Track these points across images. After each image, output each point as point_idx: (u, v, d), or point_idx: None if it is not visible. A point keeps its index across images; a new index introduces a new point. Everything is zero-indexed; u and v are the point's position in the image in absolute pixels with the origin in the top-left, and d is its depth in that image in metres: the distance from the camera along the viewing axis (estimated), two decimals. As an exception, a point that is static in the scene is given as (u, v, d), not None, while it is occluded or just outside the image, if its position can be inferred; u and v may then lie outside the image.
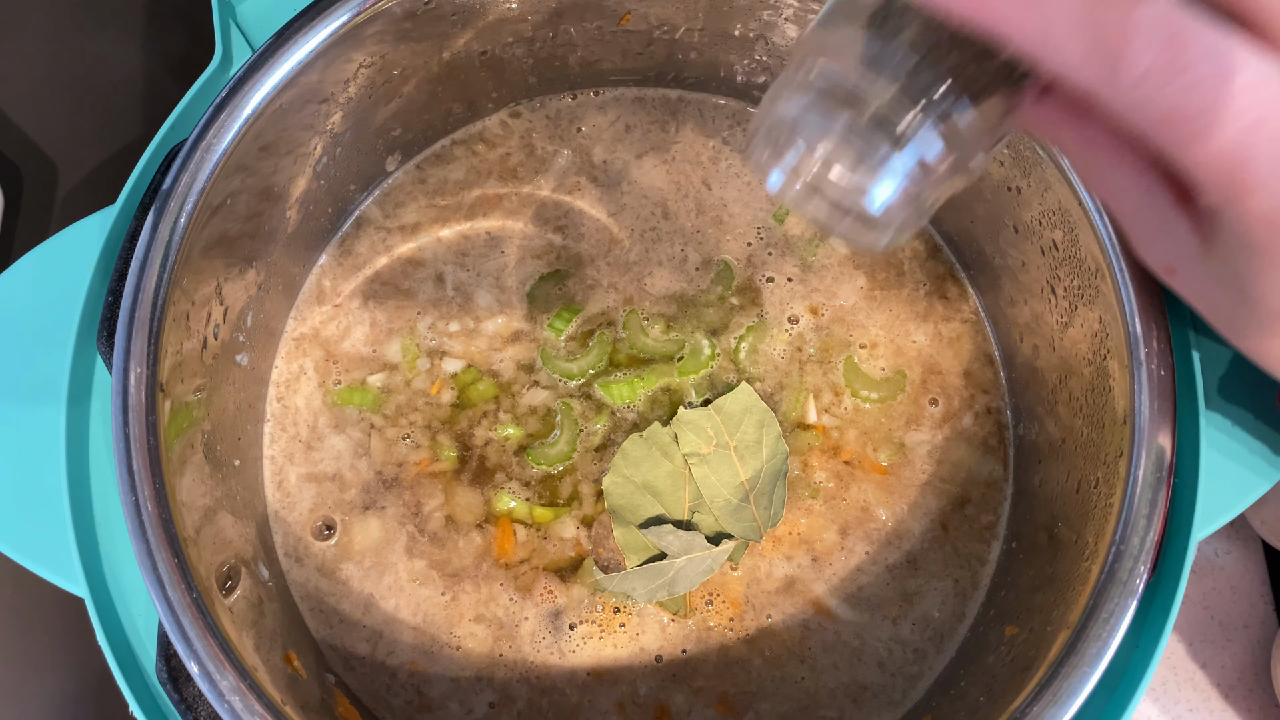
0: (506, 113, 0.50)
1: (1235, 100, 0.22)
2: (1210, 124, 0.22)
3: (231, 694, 0.34)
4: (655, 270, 0.48)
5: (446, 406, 0.46)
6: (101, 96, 0.58)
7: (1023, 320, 0.45)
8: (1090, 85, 0.22)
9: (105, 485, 0.38)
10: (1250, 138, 0.22)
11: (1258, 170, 0.23)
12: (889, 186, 0.26)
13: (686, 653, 0.43)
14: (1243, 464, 0.36)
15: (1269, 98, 0.22)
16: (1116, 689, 0.36)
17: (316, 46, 0.38)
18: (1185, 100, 0.22)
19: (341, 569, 0.44)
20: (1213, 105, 0.22)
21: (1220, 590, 0.49)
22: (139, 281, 0.36)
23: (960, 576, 0.44)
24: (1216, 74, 0.22)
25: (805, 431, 0.46)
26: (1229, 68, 0.22)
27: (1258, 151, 0.22)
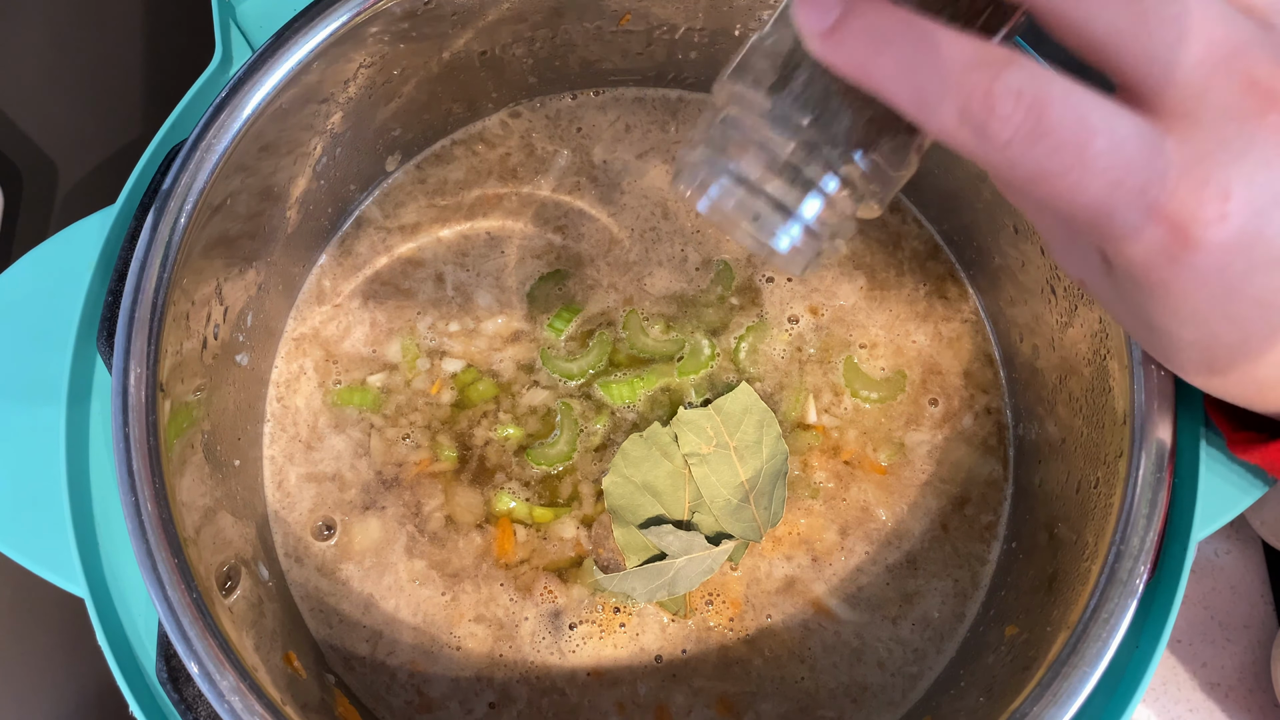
0: (506, 113, 0.50)
1: (1095, 162, 0.23)
2: (1074, 184, 0.24)
3: (231, 694, 0.34)
4: (655, 270, 0.48)
5: (446, 406, 0.46)
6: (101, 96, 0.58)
7: (1023, 320, 0.45)
8: (964, 149, 0.24)
9: (105, 485, 0.38)
10: (1111, 194, 0.24)
11: (1124, 221, 0.24)
12: (793, 230, 0.28)
13: (686, 653, 0.43)
14: (1243, 464, 0.36)
15: (1127, 158, 0.23)
16: (1116, 689, 0.36)
17: (316, 46, 0.38)
18: (1048, 164, 0.23)
19: (341, 569, 0.44)
20: (1073, 167, 0.23)
21: (1220, 590, 0.49)
22: (139, 281, 0.36)
23: (960, 576, 0.44)
24: (1076, 139, 0.23)
25: (805, 431, 0.46)
26: (1088, 132, 0.23)
27: (1119, 204, 0.24)
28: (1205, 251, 0.24)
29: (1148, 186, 0.24)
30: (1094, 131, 0.23)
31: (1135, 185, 0.24)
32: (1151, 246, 0.25)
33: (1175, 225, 0.24)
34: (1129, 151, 0.24)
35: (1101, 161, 0.23)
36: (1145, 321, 0.28)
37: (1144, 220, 0.24)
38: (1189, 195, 0.24)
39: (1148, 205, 0.24)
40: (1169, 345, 0.29)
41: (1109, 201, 0.24)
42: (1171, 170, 0.24)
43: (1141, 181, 0.24)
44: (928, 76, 0.24)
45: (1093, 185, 0.24)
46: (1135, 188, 0.24)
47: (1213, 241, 0.24)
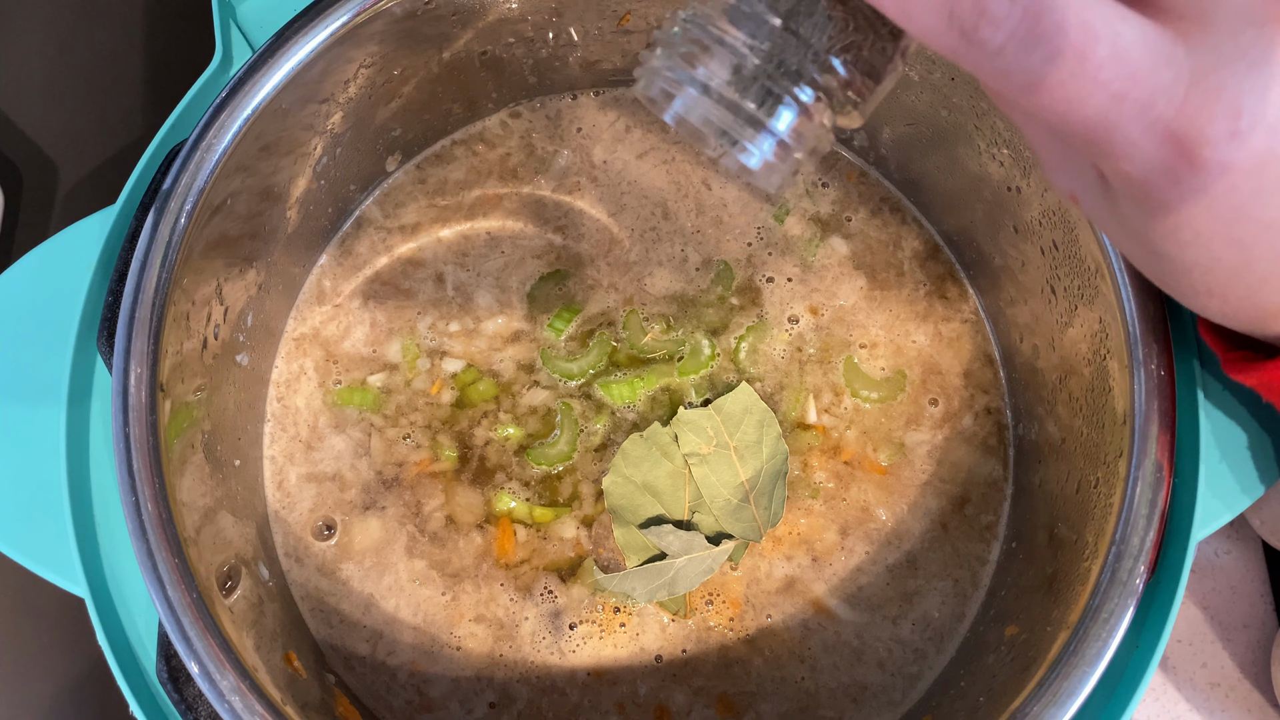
0: (506, 113, 0.50)
1: (1097, 73, 0.21)
2: (1072, 96, 0.22)
3: (231, 694, 0.34)
4: (655, 270, 0.48)
5: (446, 406, 0.46)
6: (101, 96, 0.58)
7: (1023, 320, 0.45)
8: (952, 54, 0.22)
9: (105, 485, 0.38)
10: (1115, 108, 0.22)
11: (1125, 138, 0.22)
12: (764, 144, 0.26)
13: (686, 653, 0.43)
14: (1242, 464, 0.36)
15: (1132, 67, 0.21)
16: (1116, 689, 0.36)
17: (316, 46, 0.38)
18: (1045, 72, 0.21)
19: (341, 569, 0.44)
20: (1074, 77, 0.21)
21: (1220, 590, 0.49)
22: (139, 281, 0.36)
23: (960, 576, 0.44)
24: (1076, 45, 0.21)
25: (805, 431, 0.46)
26: (1090, 38, 0.21)
27: (1122, 120, 0.22)
28: (1212, 172, 0.22)
29: (1153, 100, 0.22)
30: (1096, 37, 0.21)
31: (1139, 99, 0.21)
32: (1154, 166, 0.23)
33: (1181, 144, 0.22)
34: (1134, 60, 0.21)
35: (1104, 71, 0.21)
36: (1143, 243, 0.26)
37: (1147, 137, 0.22)
38: (1197, 111, 0.22)
39: (1151, 121, 0.22)
40: (1167, 268, 0.27)
41: (1110, 116, 0.22)
42: (1180, 82, 0.21)
43: (1146, 94, 0.21)
44: None
45: (1093, 98, 0.21)
46: (1139, 101, 0.22)
47: (1221, 162, 0.22)
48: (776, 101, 0.25)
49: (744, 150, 0.26)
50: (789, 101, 0.25)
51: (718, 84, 0.25)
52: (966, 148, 0.43)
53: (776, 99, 0.25)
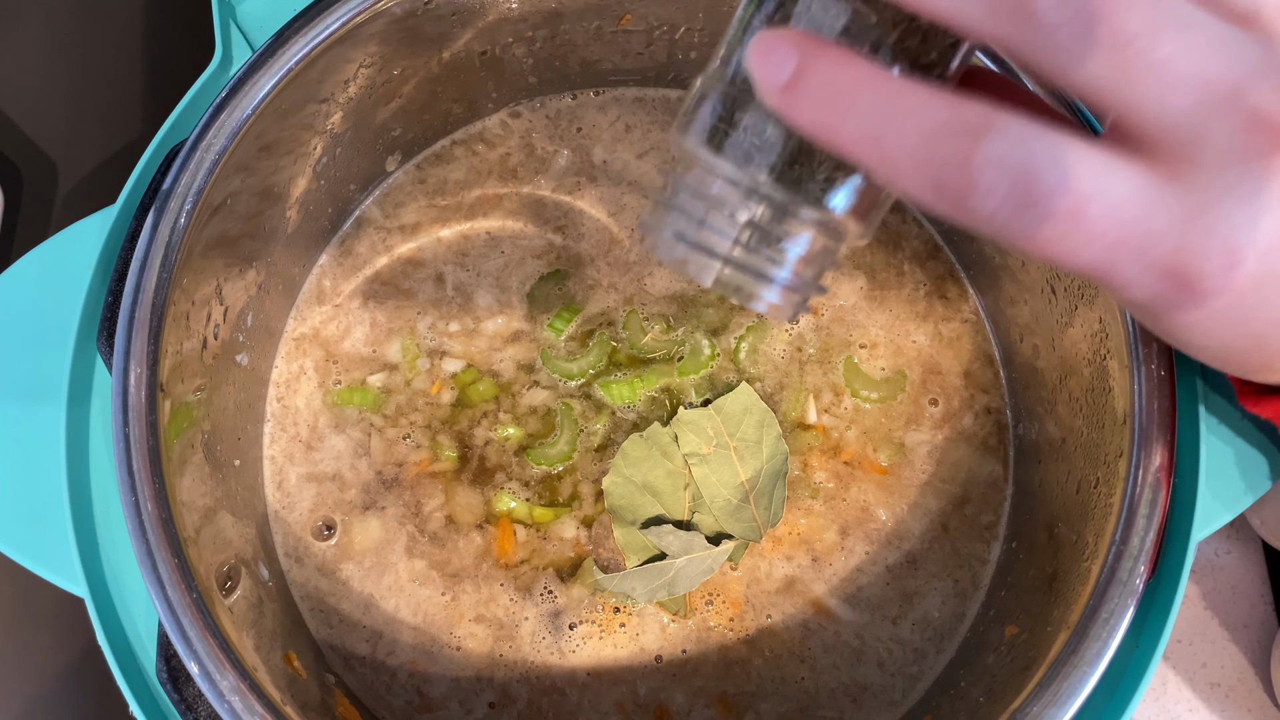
0: (506, 113, 0.50)
1: (1090, 228, 0.22)
2: (1070, 250, 0.22)
3: (231, 694, 0.34)
4: (655, 270, 0.48)
5: (446, 406, 0.46)
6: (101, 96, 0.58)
7: (1023, 320, 0.45)
8: (944, 215, 0.22)
9: (105, 485, 0.38)
10: (1111, 254, 0.22)
11: (1125, 277, 0.23)
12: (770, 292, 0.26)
13: (686, 653, 0.43)
14: (1242, 464, 0.36)
15: (1125, 219, 0.22)
16: (1116, 689, 0.36)
17: (316, 46, 0.38)
18: (1039, 231, 0.22)
19: (341, 569, 0.44)
20: (1068, 234, 0.22)
21: (1220, 590, 0.49)
22: (139, 281, 0.36)
23: (960, 576, 0.44)
24: (1068, 207, 0.21)
25: (805, 431, 0.46)
26: (1081, 199, 0.21)
27: (1121, 264, 0.22)
28: (1215, 297, 0.23)
29: (1149, 245, 0.22)
30: (1088, 197, 0.22)
31: (1135, 245, 0.22)
32: (1156, 296, 0.23)
33: (1181, 279, 0.23)
34: (1127, 212, 0.22)
35: (1098, 226, 0.22)
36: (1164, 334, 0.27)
37: (1147, 275, 0.23)
38: (1194, 249, 0.22)
39: (1150, 262, 0.23)
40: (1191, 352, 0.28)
41: (1107, 261, 0.23)
42: (1174, 225, 0.22)
43: (1142, 240, 0.22)
44: (897, 141, 0.22)
45: (1088, 250, 0.22)
46: (1135, 246, 0.22)
47: (1222, 289, 0.23)
48: (776, 249, 0.26)
49: (750, 299, 0.27)
50: (788, 246, 0.26)
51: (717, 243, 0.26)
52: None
53: (776, 246, 0.26)
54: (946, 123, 0.22)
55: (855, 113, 0.22)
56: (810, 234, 0.26)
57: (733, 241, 0.26)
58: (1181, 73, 0.21)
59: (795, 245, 0.26)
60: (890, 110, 0.22)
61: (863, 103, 0.22)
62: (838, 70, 0.22)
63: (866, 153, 0.22)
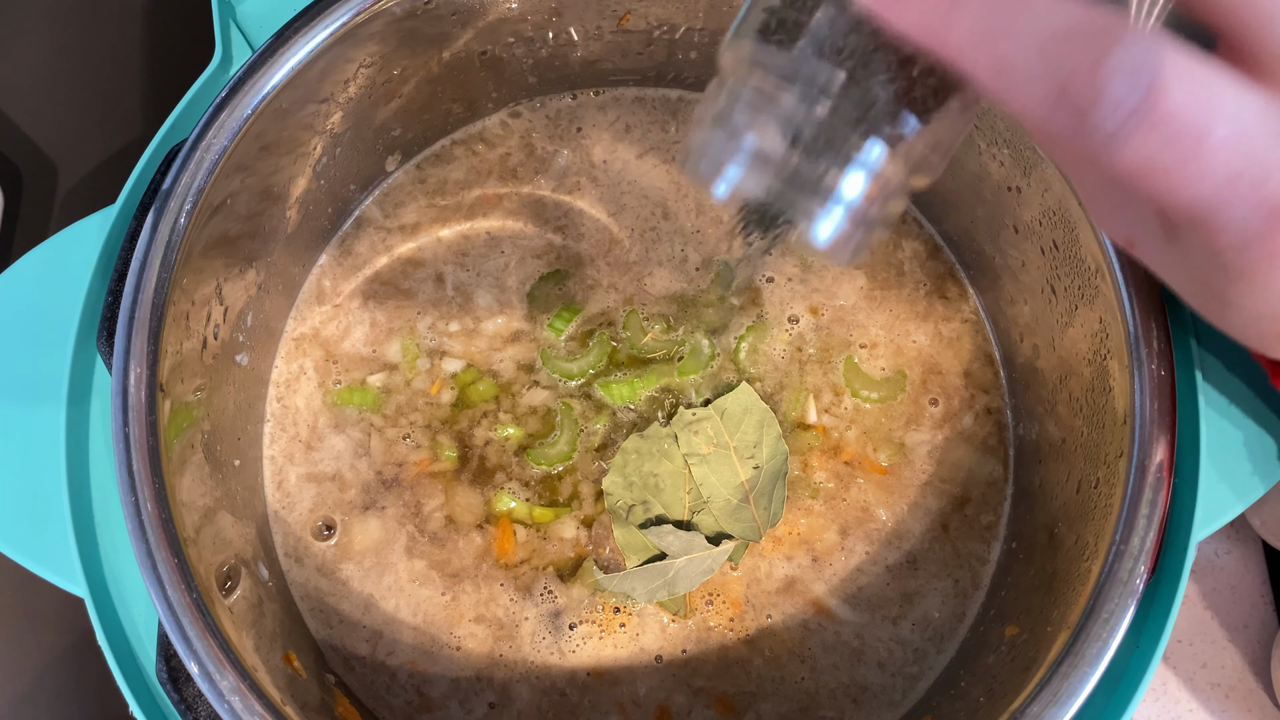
0: (506, 113, 0.50)
1: (1213, 155, 0.20)
2: (1184, 179, 0.21)
3: (231, 694, 0.34)
4: (655, 270, 0.48)
5: (446, 406, 0.46)
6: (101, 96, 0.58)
7: (1023, 320, 0.45)
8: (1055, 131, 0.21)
9: (105, 485, 0.38)
10: (1227, 188, 0.21)
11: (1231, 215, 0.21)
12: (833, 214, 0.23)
13: (686, 653, 0.43)
14: (1243, 464, 0.36)
15: (1248, 148, 0.20)
16: (1116, 689, 0.36)
17: (316, 46, 0.38)
18: (1159, 156, 0.20)
19: (341, 569, 0.44)
20: (1189, 160, 0.20)
21: (1220, 590, 0.49)
22: (139, 281, 0.36)
23: (960, 576, 0.44)
24: (1195, 128, 0.20)
25: (805, 431, 0.46)
26: (1209, 119, 0.20)
27: (1233, 199, 0.21)
28: None
29: (1266, 178, 0.20)
30: (1218, 119, 0.20)
31: (1253, 177, 0.20)
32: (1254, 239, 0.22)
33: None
34: (1252, 139, 0.20)
35: (1222, 153, 0.20)
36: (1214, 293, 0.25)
37: (1255, 214, 0.21)
38: None
39: (1262, 198, 0.21)
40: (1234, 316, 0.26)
41: (1221, 196, 0.21)
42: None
43: (1261, 173, 0.20)
44: (1016, 44, 0.20)
45: (1207, 179, 0.20)
46: (1254, 179, 0.20)
47: None
48: (843, 167, 0.23)
49: (811, 223, 0.23)
50: (856, 166, 0.23)
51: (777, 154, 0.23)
52: (967, 147, 0.43)
53: (843, 164, 0.23)
54: (1076, 23, 0.20)
55: (968, 11, 0.20)
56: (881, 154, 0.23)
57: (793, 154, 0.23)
58: None
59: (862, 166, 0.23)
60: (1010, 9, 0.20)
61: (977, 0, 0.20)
62: None
63: (979, 56, 0.20)
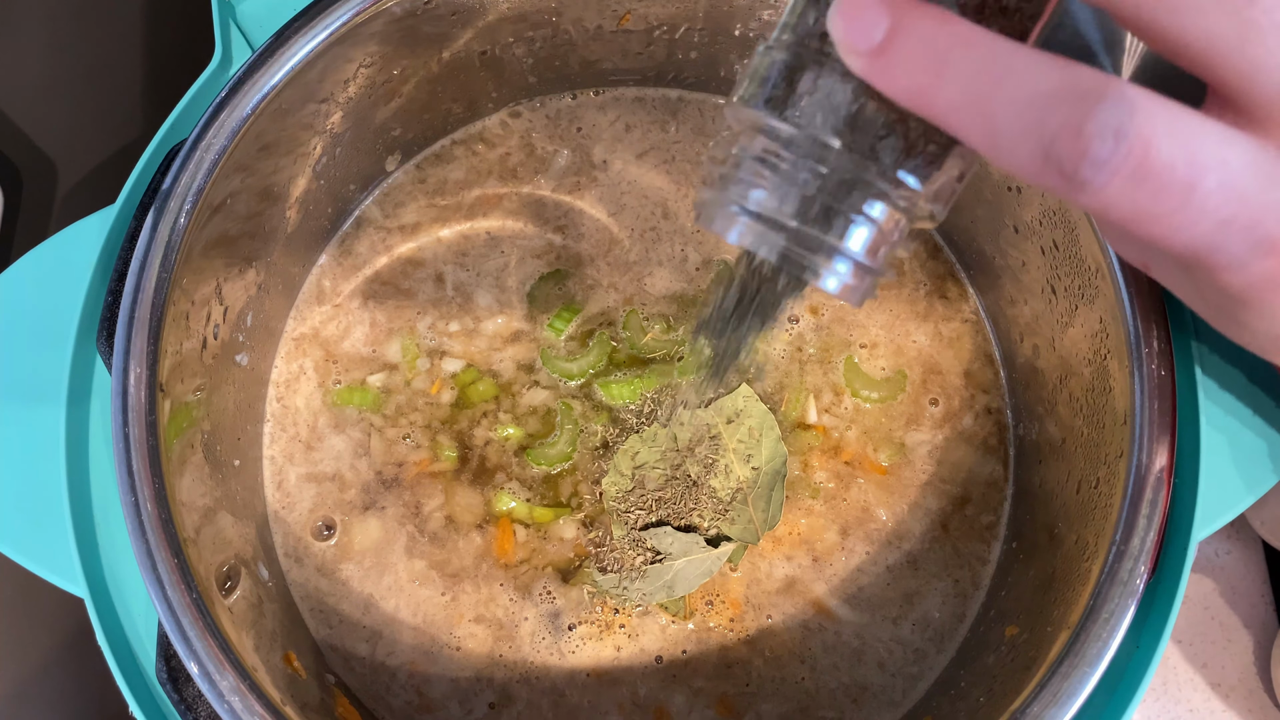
0: (506, 113, 0.50)
1: (1204, 202, 0.21)
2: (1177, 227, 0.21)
3: (231, 694, 0.34)
4: (655, 270, 0.48)
5: (446, 406, 0.46)
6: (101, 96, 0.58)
7: (1023, 320, 0.45)
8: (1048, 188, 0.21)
9: (105, 485, 0.38)
10: (1220, 231, 0.21)
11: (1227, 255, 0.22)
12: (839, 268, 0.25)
13: (686, 653, 0.43)
14: (1243, 464, 0.36)
15: (1239, 194, 0.21)
16: (1116, 689, 0.36)
17: (316, 46, 0.38)
18: (1150, 207, 0.21)
19: (341, 569, 0.44)
20: (1180, 209, 0.21)
21: (1220, 590, 0.49)
22: (139, 281, 0.36)
23: (960, 576, 0.44)
24: (1184, 180, 0.20)
25: (805, 431, 0.46)
26: (1196, 170, 0.20)
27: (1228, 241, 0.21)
28: None
29: (1261, 220, 0.21)
30: (1206, 170, 0.20)
31: (1247, 220, 0.21)
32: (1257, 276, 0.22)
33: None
34: (1241, 186, 0.21)
35: (1212, 200, 0.21)
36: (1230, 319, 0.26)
37: (1254, 254, 0.22)
38: None
39: (1259, 239, 0.21)
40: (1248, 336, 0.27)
41: (1215, 240, 0.21)
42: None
43: (1254, 215, 0.21)
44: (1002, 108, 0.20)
45: (1199, 225, 0.21)
46: (1247, 223, 0.21)
47: None
48: (846, 224, 0.24)
49: (818, 276, 0.24)
50: (859, 222, 0.24)
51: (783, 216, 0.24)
52: (966, 148, 0.43)
53: (846, 221, 0.24)
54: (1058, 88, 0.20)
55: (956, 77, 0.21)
56: (883, 209, 0.24)
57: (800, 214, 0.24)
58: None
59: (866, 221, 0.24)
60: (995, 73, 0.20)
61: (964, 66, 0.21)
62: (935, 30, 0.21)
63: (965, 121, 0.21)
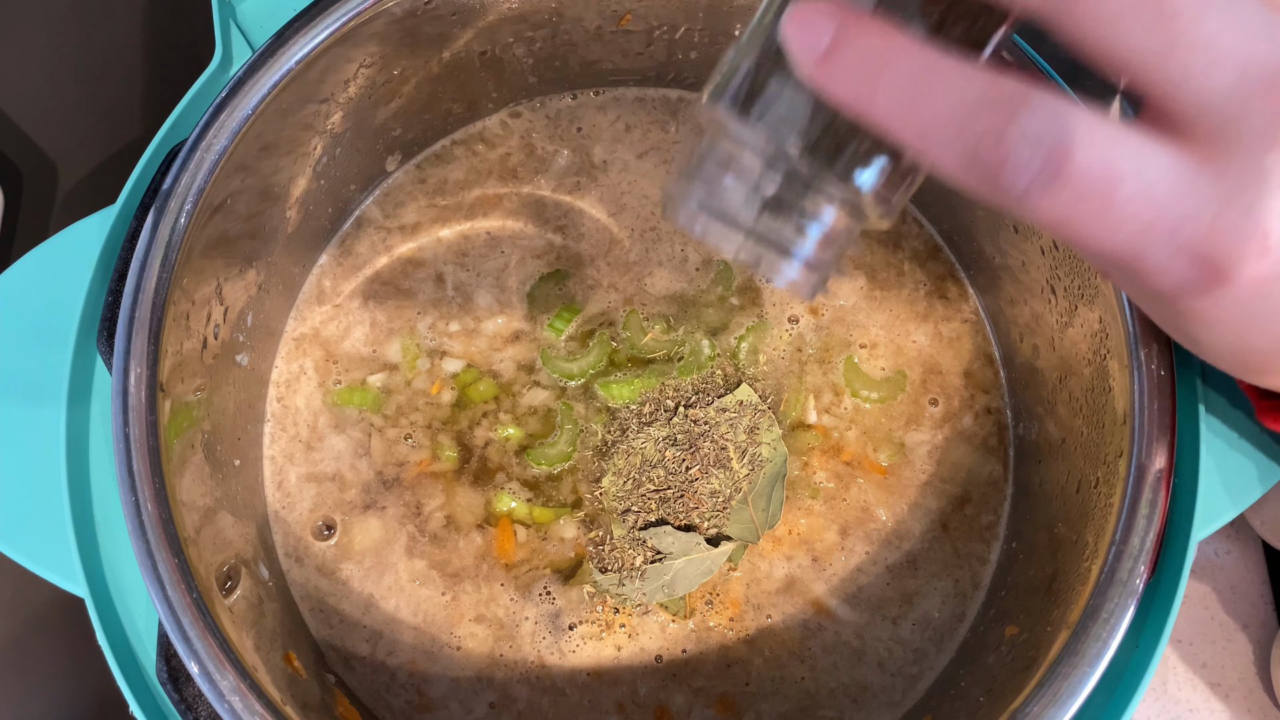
0: (506, 113, 0.50)
1: (1123, 208, 0.22)
2: (1099, 231, 0.22)
3: (231, 694, 0.34)
4: (655, 270, 0.48)
5: (446, 406, 0.46)
6: (101, 96, 0.58)
7: (1023, 320, 0.45)
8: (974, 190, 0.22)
9: (105, 485, 0.38)
10: (1142, 238, 0.22)
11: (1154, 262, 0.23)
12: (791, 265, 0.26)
13: (686, 653, 0.43)
14: (1243, 464, 0.36)
15: (1159, 199, 0.22)
16: (1116, 689, 0.36)
17: (316, 46, 0.38)
18: (1070, 212, 0.22)
19: (341, 569, 0.44)
20: (1099, 214, 0.22)
21: (1220, 590, 0.49)
22: (139, 281, 0.36)
23: (960, 576, 0.44)
24: (1101, 186, 0.21)
25: (805, 431, 0.46)
26: (1115, 176, 0.21)
27: (1151, 247, 0.22)
28: (1241, 284, 0.23)
29: (1180, 227, 0.22)
30: (1122, 177, 0.21)
31: (1167, 227, 0.22)
32: (1184, 282, 0.23)
33: (1210, 264, 0.23)
34: (1161, 193, 0.22)
35: (1130, 207, 0.22)
36: (1177, 330, 0.27)
37: (1176, 260, 0.23)
38: (1225, 233, 0.22)
39: (1180, 245, 0.22)
40: (1202, 350, 0.28)
41: (1138, 244, 0.22)
42: (1207, 208, 0.22)
43: (1174, 223, 0.22)
44: (932, 114, 0.22)
45: (1119, 231, 0.22)
46: (1167, 230, 0.22)
47: (1250, 275, 0.23)
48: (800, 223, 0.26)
49: (773, 270, 0.27)
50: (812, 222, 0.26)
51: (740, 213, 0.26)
52: (966, 148, 0.43)
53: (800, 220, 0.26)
54: (981, 95, 0.21)
55: (890, 84, 0.22)
56: (834, 211, 0.26)
57: (756, 213, 0.26)
58: (1225, 50, 0.21)
59: (818, 221, 0.26)
60: (926, 82, 0.22)
61: (899, 74, 0.22)
62: (874, 41, 0.22)
63: (899, 124, 0.22)
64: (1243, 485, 0.36)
